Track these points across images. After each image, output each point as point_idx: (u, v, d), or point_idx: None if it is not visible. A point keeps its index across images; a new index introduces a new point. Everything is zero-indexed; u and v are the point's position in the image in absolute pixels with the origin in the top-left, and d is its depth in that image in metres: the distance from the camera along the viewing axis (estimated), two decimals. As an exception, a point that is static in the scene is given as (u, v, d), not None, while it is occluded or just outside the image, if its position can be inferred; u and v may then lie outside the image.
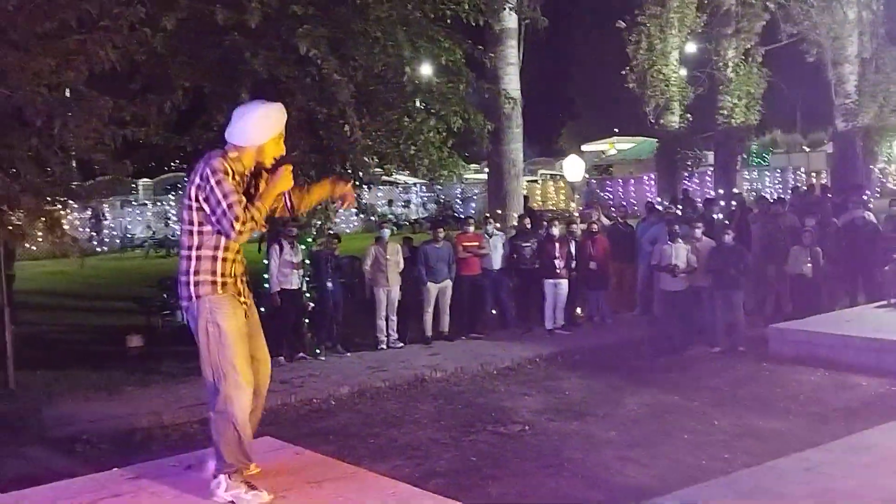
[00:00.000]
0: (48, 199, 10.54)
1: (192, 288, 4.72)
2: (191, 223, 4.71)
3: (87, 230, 23.62)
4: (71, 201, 12.17)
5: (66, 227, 12.25)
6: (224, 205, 4.59)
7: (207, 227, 4.70)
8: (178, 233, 4.87)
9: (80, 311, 18.56)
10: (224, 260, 4.77)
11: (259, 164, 4.89)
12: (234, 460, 4.79)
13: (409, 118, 13.16)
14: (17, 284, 15.88)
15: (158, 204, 37.24)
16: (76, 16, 9.57)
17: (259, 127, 4.85)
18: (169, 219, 35.24)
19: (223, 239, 4.73)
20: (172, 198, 37.11)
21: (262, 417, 10.06)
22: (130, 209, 36.32)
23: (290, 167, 4.97)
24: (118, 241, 34.26)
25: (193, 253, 4.72)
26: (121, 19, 9.87)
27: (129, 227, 35.60)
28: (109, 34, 9.98)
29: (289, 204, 5.02)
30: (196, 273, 4.71)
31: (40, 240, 24.98)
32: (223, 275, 4.76)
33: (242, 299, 4.89)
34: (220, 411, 4.73)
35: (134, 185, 38.06)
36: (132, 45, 10.44)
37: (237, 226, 4.61)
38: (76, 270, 21.86)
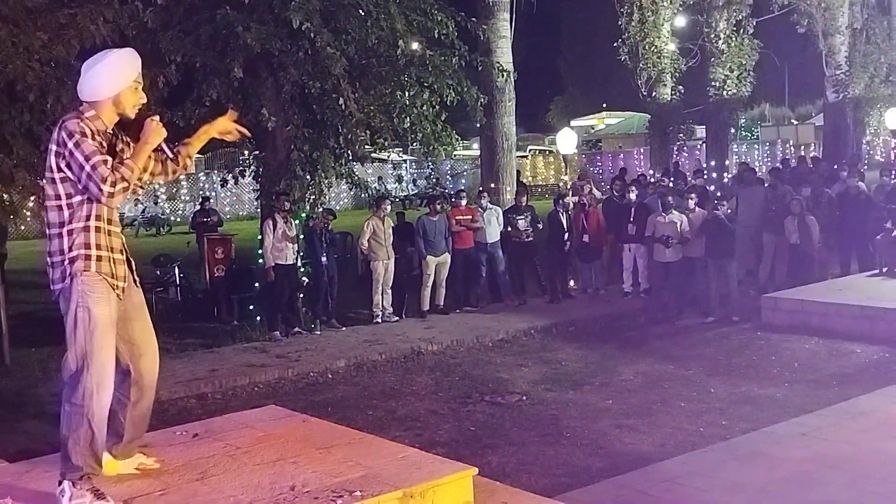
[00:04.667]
0: (42, 176, 10.47)
1: (66, 266, 4.31)
2: (58, 197, 4.30)
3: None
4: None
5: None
6: (88, 167, 4.20)
7: (77, 198, 4.31)
8: (46, 212, 4.38)
9: (73, 289, 18.48)
10: (98, 230, 4.36)
11: (122, 116, 4.48)
12: (82, 463, 4.31)
13: (403, 92, 13.13)
14: (8, 264, 15.84)
15: (148, 183, 37.02)
16: (67, -11, 9.51)
17: (110, 76, 4.42)
18: (158, 197, 35.12)
19: (94, 207, 4.34)
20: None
21: (258, 392, 10.26)
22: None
23: (157, 117, 4.57)
24: (108, 219, 34.11)
25: (65, 229, 4.30)
26: (111, -7, 9.82)
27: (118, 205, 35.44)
28: (100, 8, 9.94)
29: (170, 155, 4.64)
30: (70, 249, 4.30)
31: (29, 219, 24.88)
32: (98, 247, 4.35)
33: (116, 282, 4.43)
34: (78, 405, 4.28)
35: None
36: (123, 19, 10.38)
37: (105, 187, 4.21)
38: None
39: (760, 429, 7.87)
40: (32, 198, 11.16)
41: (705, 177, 19.21)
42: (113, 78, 4.43)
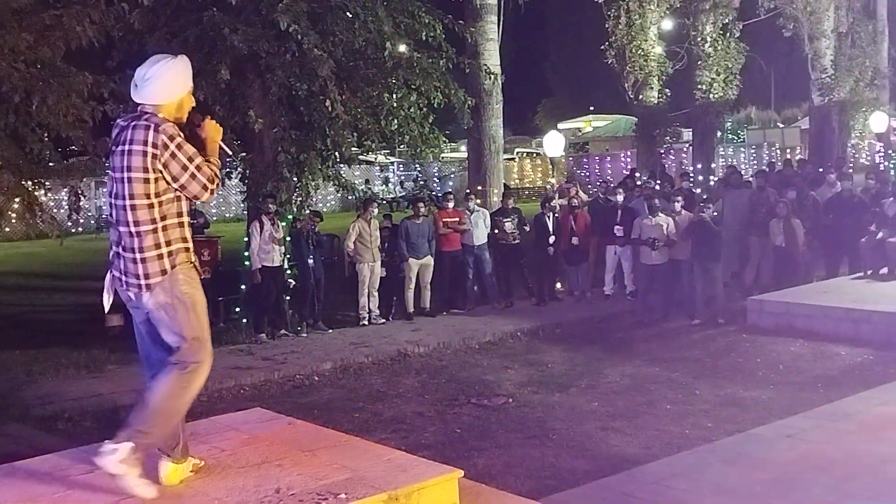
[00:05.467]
0: (27, 177, 10.45)
1: (165, 260, 4.51)
2: (148, 196, 4.48)
3: (64, 210, 23.43)
4: (48, 181, 12.09)
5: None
6: (192, 167, 4.51)
7: (167, 196, 4.53)
8: (114, 211, 4.60)
9: (59, 291, 18.44)
10: (186, 225, 4.67)
11: (178, 119, 4.70)
12: (157, 431, 4.48)
13: (390, 94, 13.14)
14: (-7, 265, 15.80)
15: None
16: (52, -9, 9.49)
17: (179, 81, 4.69)
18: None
19: (183, 203, 4.62)
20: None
21: (244, 394, 10.24)
22: (105, 190, 36.01)
23: (210, 116, 4.87)
24: (93, 221, 34.03)
25: (160, 225, 4.51)
26: (97, -6, 9.81)
27: (104, 207, 35.35)
28: (86, 9, 9.92)
29: (229, 152, 5.01)
30: (168, 243, 4.53)
31: (14, 221, 24.84)
32: (188, 240, 4.65)
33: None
34: (184, 377, 4.50)
35: (108, 166, 37.78)
36: (109, 20, 10.36)
37: (210, 185, 4.56)
38: (53, 251, 21.75)
39: (745, 431, 7.91)
40: (17, 199, 11.11)
41: (691, 180, 19.29)
42: (181, 82, 4.70)
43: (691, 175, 20.55)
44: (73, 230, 30.84)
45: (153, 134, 4.47)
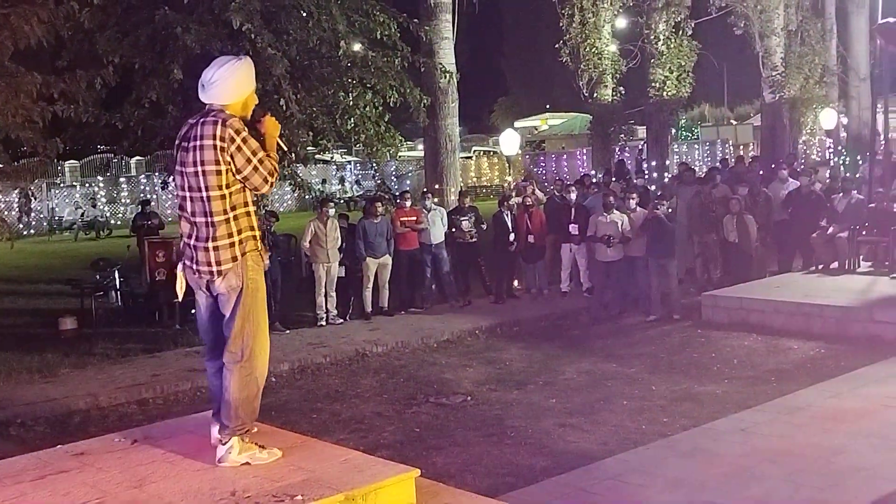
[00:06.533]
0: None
1: (236, 248, 4.80)
2: (220, 187, 4.77)
3: (15, 213, 23.03)
4: (-2, 182, 11.91)
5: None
6: (255, 160, 4.78)
7: (235, 187, 4.81)
8: (188, 203, 4.87)
9: (10, 294, 18.11)
10: (253, 214, 4.95)
11: (243, 116, 4.96)
12: (247, 418, 4.90)
13: (345, 93, 13.09)
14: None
15: (87, 185, 36.45)
16: (-1, -11, 9.33)
17: (242, 82, 4.96)
18: (95, 200, 34.51)
19: (249, 194, 4.90)
20: (101, 179, 36.40)
21: (201, 396, 10.13)
22: (57, 191, 35.51)
23: (269, 113, 5.16)
24: (45, 223, 33.53)
25: (231, 215, 4.80)
26: (46, -7, 9.66)
27: (56, 209, 34.83)
28: (35, 9, 9.76)
29: (285, 148, 5.24)
30: (239, 232, 4.82)
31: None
32: (255, 228, 4.95)
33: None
34: (246, 367, 4.83)
35: (60, 168, 37.22)
36: (58, 19, 10.21)
37: (270, 178, 4.84)
38: (3, 254, 21.34)
39: (701, 425, 8.00)
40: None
41: (646, 177, 19.47)
42: (246, 83, 4.99)
43: (646, 172, 20.75)
44: (25, 232, 30.47)
45: (221, 128, 4.74)
